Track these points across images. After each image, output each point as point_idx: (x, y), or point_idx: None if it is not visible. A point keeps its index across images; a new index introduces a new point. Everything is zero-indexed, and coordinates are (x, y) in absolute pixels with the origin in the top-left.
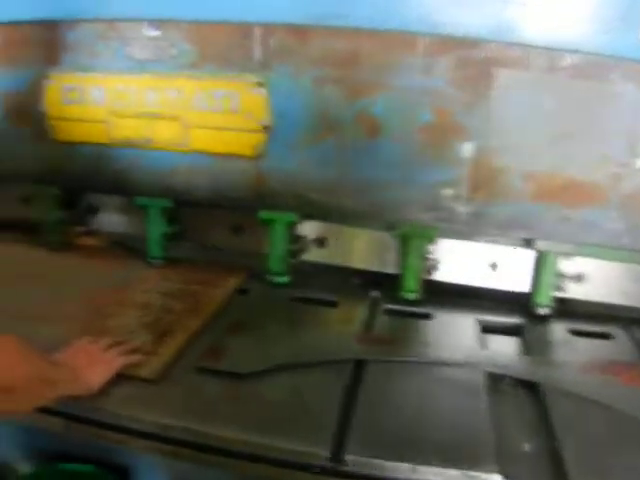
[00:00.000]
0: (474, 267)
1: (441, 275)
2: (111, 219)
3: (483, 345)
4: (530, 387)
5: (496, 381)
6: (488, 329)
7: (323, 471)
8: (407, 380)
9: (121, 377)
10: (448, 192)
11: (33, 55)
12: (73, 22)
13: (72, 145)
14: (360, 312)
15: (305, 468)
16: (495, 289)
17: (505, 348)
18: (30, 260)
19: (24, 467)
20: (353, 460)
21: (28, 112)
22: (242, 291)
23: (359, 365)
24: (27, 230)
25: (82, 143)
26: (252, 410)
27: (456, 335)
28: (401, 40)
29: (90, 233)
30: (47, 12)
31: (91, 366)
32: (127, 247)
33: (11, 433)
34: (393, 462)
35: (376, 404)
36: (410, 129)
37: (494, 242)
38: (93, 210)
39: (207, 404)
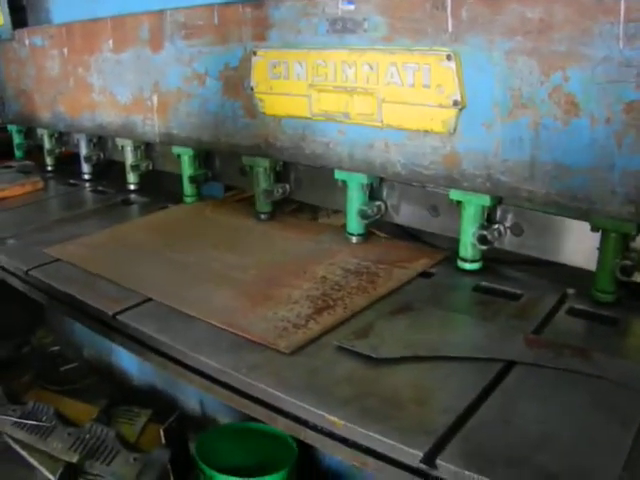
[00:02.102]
0: None
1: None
2: (315, 194)
3: None
4: None
5: None
6: None
7: (407, 469)
8: (554, 393)
9: (259, 345)
10: None
11: (244, 33)
12: (279, 0)
13: (279, 119)
14: (541, 309)
15: (391, 462)
16: None
17: None
18: (237, 228)
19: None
20: (444, 467)
21: (240, 87)
22: (427, 274)
23: (508, 367)
24: (247, 201)
25: (287, 117)
26: (367, 395)
27: (637, 347)
28: (599, 4)
29: (299, 208)
30: None
31: None
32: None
33: None
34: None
35: (501, 413)
36: (611, 108)
37: None
38: (299, 183)
39: (327, 383)
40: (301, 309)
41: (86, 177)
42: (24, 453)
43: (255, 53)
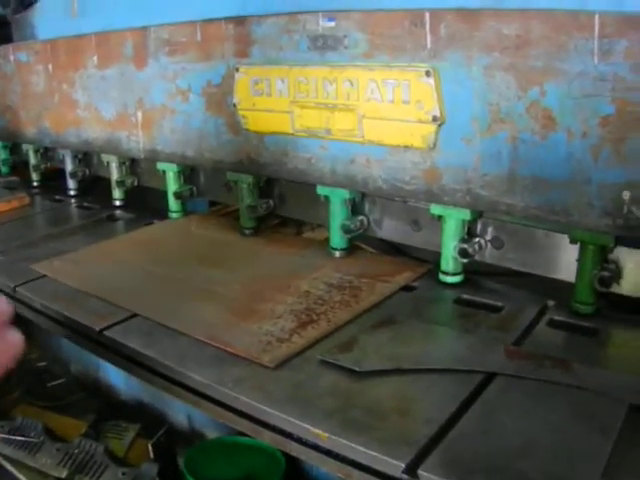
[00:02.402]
0: None
1: (620, 288)
2: (298, 209)
3: None
4: None
5: None
6: None
7: (390, 479)
8: (534, 403)
9: (243, 359)
10: (626, 195)
11: (226, 49)
12: (261, 17)
13: (261, 135)
14: (521, 320)
15: (375, 473)
16: None
17: None
18: (222, 243)
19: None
20: (425, 477)
21: (223, 104)
22: (409, 288)
23: (489, 378)
24: (232, 215)
25: (270, 133)
26: (350, 407)
27: (616, 357)
28: (575, 20)
29: (283, 223)
30: (238, 9)
31: None
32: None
33: None
34: None
35: (483, 424)
36: (587, 122)
37: None
38: (283, 199)
39: (311, 396)
40: (285, 323)
41: (72, 193)
42: (12, 469)
43: (237, 70)
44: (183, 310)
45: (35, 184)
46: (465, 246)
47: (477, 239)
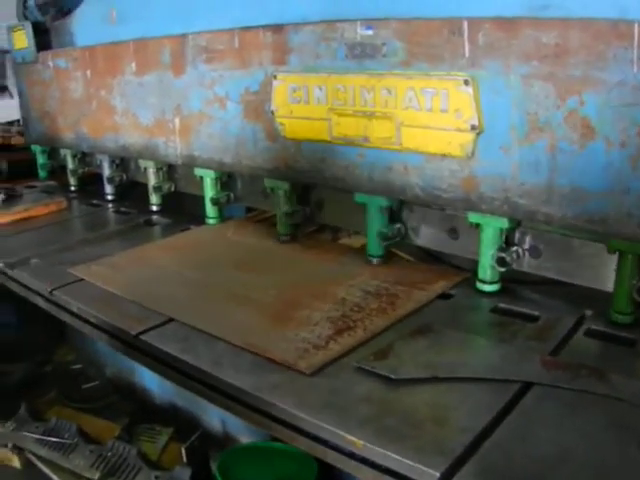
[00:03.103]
0: None
1: None
2: (336, 216)
3: None
4: None
5: None
6: None
7: None
8: (571, 414)
9: (281, 365)
10: None
11: (264, 57)
12: (298, 25)
13: (299, 142)
14: (558, 330)
15: None
16: None
17: None
18: (258, 249)
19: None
20: None
21: (261, 111)
22: (446, 296)
23: (526, 388)
24: (269, 221)
25: (307, 140)
26: (385, 415)
27: None
28: (614, 29)
29: (319, 229)
30: (276, 17)
31: None
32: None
33: None
34: None
35: (518, 434)
36: (626, 131)
37: None
38: (320, 206)
39: (347, 403)
40: (321, 330)
41: (109, 198)
42: (47, 470)
43: (275, 77)
44: (219, 315)
45: (73, 189)
46: (503, 255)
47: (515, 248)
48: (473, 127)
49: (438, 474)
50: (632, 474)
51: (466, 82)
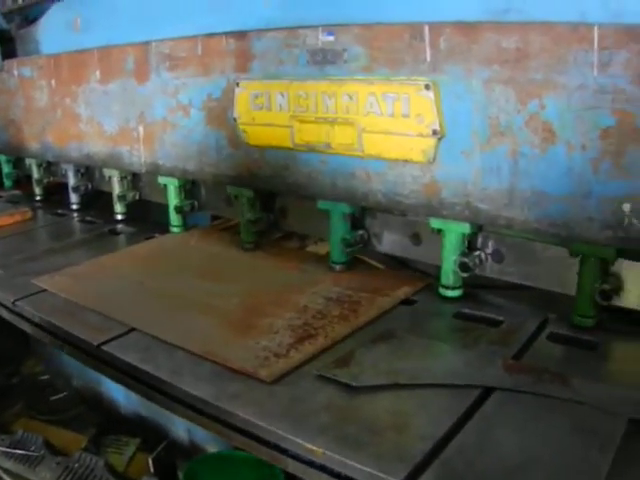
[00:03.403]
0: None
1: (621, 301)
2: (299, 223)
3: None
4: None
5: None
6: None
7: None
8: (531, 418)
9: (242, 374)
10: (627, 207)
11: (226, 64)
12: (261, 31)
13: (262, 149)
14: (521, 334)
15: None
16: None
17: None
18: (221, 257)
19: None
20: None
21: (223, 118)
22: (409, 302)
23: (488, 393)
24: (233, 229)
25: (270, 147)
26: (346, 423)
27: (616, 371)
28: (574, 32)
29: (286, 236)
30: (237, 24)
31: None
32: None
33: None
34: None
35: (480, 440)
36: (587, 135)
37: None
38: (284, 213)
39: (307, 411)
40: (282, 338)
41: (74, 207)
42: None
43: (238, 84)
44: (181, 324)
45: (38, 198)
46: (465, 260)
47: (477, 253)
48: (434, 132)
49: None
50: (593, 477)
51: (427, 87)
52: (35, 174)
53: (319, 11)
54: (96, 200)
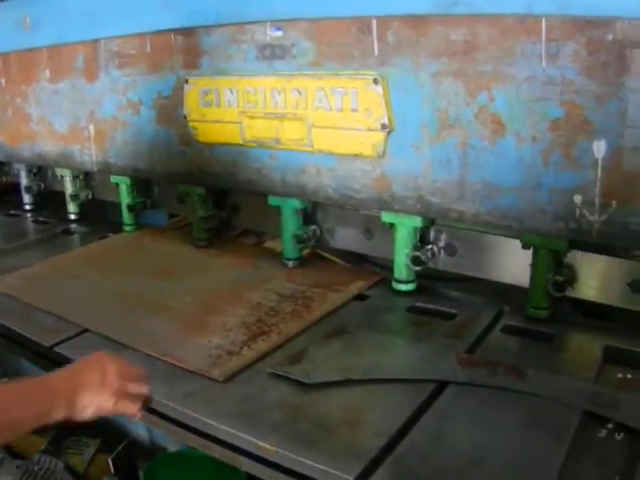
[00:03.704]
0: (610, 285)
1: (576, 292)
2: (252, 219)
3: (603, 378)
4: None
5: (596, 424)
6: (614, 358)
7: None
8: (487, 411)
9: (193, 374)
10: (578, 199)
11: (175, 61)
12: (208, 28)
13: (211, 146)
14: (475, 327)
15: None
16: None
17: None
18: (175, 256)
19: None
20: None
21: (174, 115)
22: (362, 297)
23: (442, 387)
24: (187, 228)
25: (220, 144)
26: (299, 420)
27: (570, 363)
28: (522, 24)
29: (243, 233)
30: (186, 20)
31: (97, 390)
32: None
33: None
34: None
35: (434, 434)
36: (537, 126)
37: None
38: (237, 210)
39: (259, 409)
40: (235, 336)
41: (27, 207)
42: None
43: (187, 81)
44: (134, 324)
45: None
46: (417, 254)
47: (430, 246)
48: (384, 126)
49: (351, 478)
50: (547, 468)
51: (375, 81)
52: None
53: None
54: (49, 200)
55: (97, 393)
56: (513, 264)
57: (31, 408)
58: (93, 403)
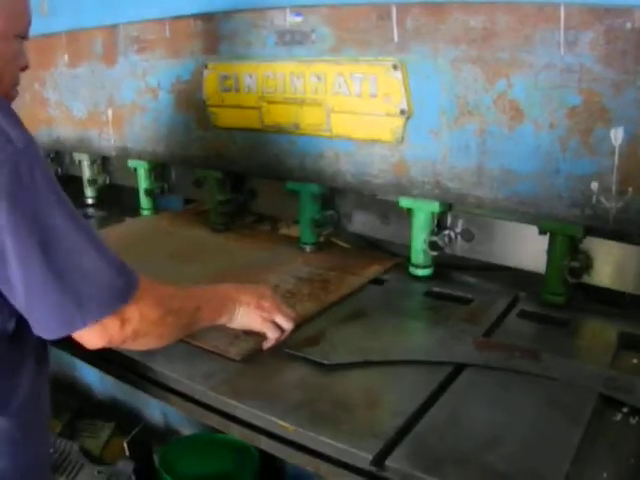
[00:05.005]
0: (627, 272)
1: (591, 279)
2: (270, 204)
3: (618, 363)
4: None
5: (611, 408)
6: (629, 344)
7: (358, 471)
8: (503, 394)
9: (211, 353)
10: (595, 185)
11: (194, 46)
12: (228, 13)
13: (230, 131)
14: (492, 312)
15: (342, 466)
16: None
17: None
18: (192, 239)
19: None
20: (393, 468)
21: (192, 100)
22: (379, 281)
23: (459, 370)
24: (205, 214)
25: (238, 129)
26: (318, 400)
27: (586, 348)
28: (540, 12)
29: (259, 220)
30: (205, 5)
31: (253, 307)
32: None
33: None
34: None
35: (451, 415)
36: (555, 114)
37: None
38: (254, 194)
39: (278, 389)
40: None
41: None
42: None
43: (206, 66)
44: None
45: None
46: (435, 239)
47: (447, 232)
48: (402, 112)
49: (370, 457)
50: (564, 449)
51: (395, 67)
52: None
53: None
54: (66, 185)
55: (253, 310)
56: (529, 250)
57: (218, 309)
58: (246, 317)
